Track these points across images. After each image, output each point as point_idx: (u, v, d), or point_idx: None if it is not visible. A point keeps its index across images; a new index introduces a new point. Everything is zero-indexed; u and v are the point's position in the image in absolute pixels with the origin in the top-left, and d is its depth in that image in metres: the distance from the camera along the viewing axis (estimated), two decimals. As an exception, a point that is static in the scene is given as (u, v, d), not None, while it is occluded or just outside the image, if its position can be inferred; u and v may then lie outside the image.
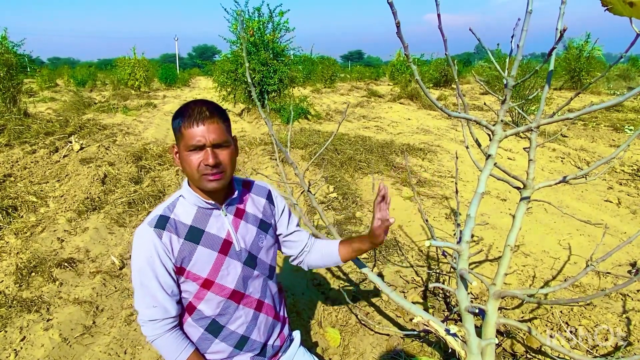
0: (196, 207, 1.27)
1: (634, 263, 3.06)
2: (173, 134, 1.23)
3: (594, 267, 1.70)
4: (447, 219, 3.96)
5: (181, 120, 1.17)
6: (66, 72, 25.02)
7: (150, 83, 20.42)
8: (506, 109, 1.40)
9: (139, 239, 1.22)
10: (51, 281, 2.72)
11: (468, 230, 1.67)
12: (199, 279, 1.25)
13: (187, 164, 1.19)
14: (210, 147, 1.18)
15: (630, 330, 2.28)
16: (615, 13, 1.28)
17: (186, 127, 1.16)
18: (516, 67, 1.32)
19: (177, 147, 1.22)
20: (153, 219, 1.23)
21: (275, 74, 9.94)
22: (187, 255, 1.23)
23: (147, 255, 1.20)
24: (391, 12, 1.22)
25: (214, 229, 1.28)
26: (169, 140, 7.38)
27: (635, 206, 4.31)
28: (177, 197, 1.29)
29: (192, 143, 1.16)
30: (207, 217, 1.28)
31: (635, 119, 9.35)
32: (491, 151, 1.47)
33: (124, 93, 15.82)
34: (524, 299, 2.35)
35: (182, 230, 1.24)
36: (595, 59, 17.11)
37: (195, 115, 1.16)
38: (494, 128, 1.44)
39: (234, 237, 1.30)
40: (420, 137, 7.92)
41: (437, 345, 2.15)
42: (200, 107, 1.18)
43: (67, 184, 4.63)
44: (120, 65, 19.02)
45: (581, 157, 6.44)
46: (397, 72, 20.36)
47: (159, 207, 1.28)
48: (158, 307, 1.23)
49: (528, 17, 1.29)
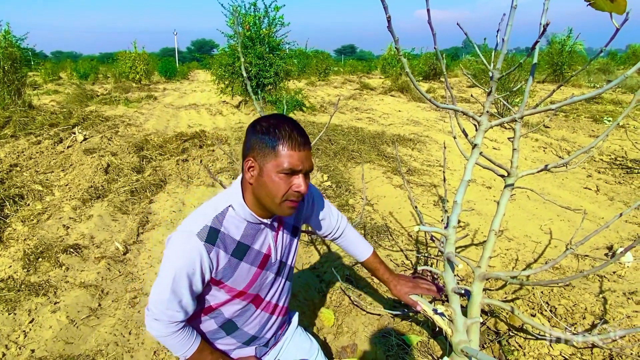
0: (246, 222, 1.21)
1: (611, 246, 3.22)
2: (251, 146, 1.13)
3: (573, 250, 1.82)
4: (435, 206, 4.09)
5: (278, 139, 1.09)
6: (69, 65, 25.05)
7: (151, 76, 20.94)
8: (492, 100, 1.49)
9: (184, 247, 1.13)
10: (57, 266, 2.79)
11: (455, 216, 1.77)
12: (234, 291, 1.25)
13: (273, 185, 1.12)
14: (303, 174, 1.14)
15: (606, 309, 2.43)
16: (596, 8, 1.36)
17: (286, 149, 1.09)
18: (501, 61, 1.41)
19: (260, 164, 1.12)
20: (203, 231, 1.14)
21: (271, 68, 10.14)
22: (230, 271, 1.21)
23: (189, 266, 1.13)
24: (382, 7, 1.29)
25: (258, 245, 1.25)
26: (169, 132, 7.40)
27: (613, 193, 4.49)
28: (226, 207, 1.20)
29: (289, 166, 1.10)
30: (254, 232, 1.23)
31: (613, 110, 9.61)
32: (477, 141, 1.57)
33: (125, 86, 15.88)
34: (507, 280, 2.48)
35: (230, 246, 1.19)
36: (577, 53, 17.48)
37: (297, 138, 1.11)
38: (480, 119, 1.53)
39: (273, 251, 1.29)
40: (410, 128, 8.05)
41: (425, 324, 2.27)
42: (299, 130, 1.13)
43: (72, 174, 4.72)
44: (122, 59, 19.44)
45: (562, 147, 6.63)
46: (388, 66, 20.80)
47: (206, 214, 1.18)
48: (180, 312, 1.19)
49: (513, 12, 1.37)
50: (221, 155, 5.67)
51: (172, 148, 5.92)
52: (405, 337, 2.15)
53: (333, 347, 2.18)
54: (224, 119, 9.40)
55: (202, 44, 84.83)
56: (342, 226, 1.59)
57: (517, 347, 2.13)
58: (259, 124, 1.13)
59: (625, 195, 4.39)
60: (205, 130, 7.09)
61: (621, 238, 3.36)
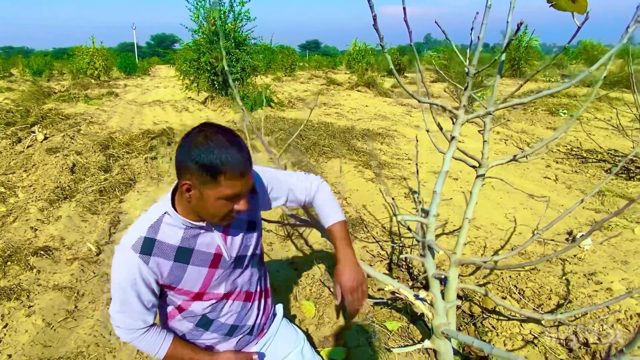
0: (184, 227, 1.16)
1: (570, 232, 3.43)
2: (187, 169, 1.03)
3: (539, 235, 1.95)
4: (406, 198, 4.21)
5: (219, 168, 1.01)
6: (20, 61, 23.89)
7: (110, 72, 20.29)
8: (468, 94, 1.58)
9: (122, 262, 1.12)
10: (28, 269, 2.69)
11: (434, 205, 1.87)
12: (190, 293, 1.22)
13: (215, 209, 1.08)
14: (245, 194, 1.09)
15: (569, 290, 2.60)
16: (558, 9, 1.45)
17: (228, 178, 1.03)
18: (477, 57, 1.50)
19: (199, 189, 1.05)
20: (137, 243, 1.12)
21: (238, 63, 10.07)
22: (177, 275, 1.17)
23: (130, 278, 1.12)
24: (367, 6, 1.34)
25: (203, 246, 1.19)
26: (134, 129, 7.21)
27: (570, 182, 4.77)
28: (161, 215, 1.15)
29: (231, 193, 1.05)
30: (195, 236, 1.18)
31: (568, 103, 10.12)
32: (455, 133, 1.65)
33: (84, 82, 15.34)
34: (481, 265, 2.60)
35: (170, 252, 1.15)
36: (532, 48, 18.34)
37: (238, 163, 1.03)
38: (457, 112, 1.62)
39: (224, 249, 1.22)
40: (379, 122, 8.20)
41: (404, 310, 2.36)
42: (239, 148, 1.04)
43: (35, 174, 4.54)
44: (79, 55, 18.72)
45: (522, 138, 6.95)
46: (353, 61, 21.04)
47: (141, 225, 1.15)
48: (137, 320, 1.18)
49: (487, 11, 1.46)
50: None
51: (139, 146, 5.79)
52: (386, 323, 2.23)
53: (315, 338, 2.23)
54: (190, 116, 9.24)
55: (162, 39, 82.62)
56: (311, 191, 1.42)
57: (491, 328, 2.26)
58: (194, 146, 1.02)
59: (582, 184, 4.68)
60: (172, 127, 6.97)
61: (579, 223, 3.59)
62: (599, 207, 3.95)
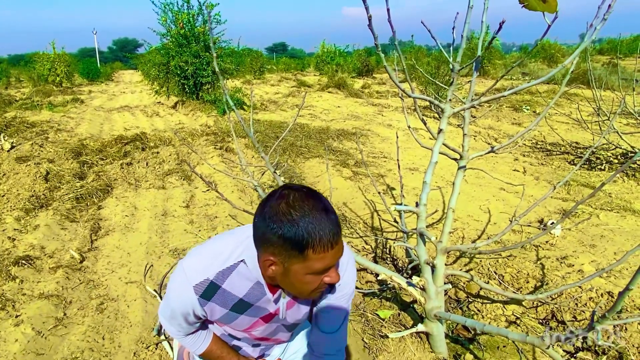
0: (256, 281, 1.08)
1: (541, 220, 3.63)
2: (269, 242, 0.94)
3: (517, 222, 2.09)
4: (384, 194, 4.33)
5: (307, 242, 0.90)
6: None
7: (72, 78, 19.46)
8: (453, 89, 1.69)
9: (179, 292, 1.07)
10: (10, 279, 2.61)
11: (424, 195, 1.97)
12: (234, 331, 1.25)
13: (302, 285, 0.99)
14: (335, 264, 1.00)
15: (544, 273, 2.77)
16: (530, 9, 1.57)
17: (317, 252, 0.92)
18: (461, 55, 1.60)
19: (284, 264, 0.95)
20: (201, 285, 1.05)
21: (209, 66, 9.94)
22: (227, 320, 1.15)
23: (183, 310, 1.10)
24: (362, 6, 1.42)
25: (264, 303, 1.13)
26: (105, 135, 7.03)
27: (537, 173, 5.02)
28: (236, 262, 1.06)
29: (322, 268, 0.95)
30: (262, 295, 1.10)
31: (530, 99, 10.59)
32: (442, 126, 1.76)
33: (46, 89, 14.69)
34: (466, 251, 2.74)
35: (230, 301, 1.09)
36: (493, 47, 19.06)
37: (328, 233, 0.92)
38: (444, 106, 1.72)
39: (282, 313, 1.18)
40: (352, 122, 8.33)
41: (395, 299, 2.46)
42: (327, 216, 0.93)
43: (7, 184, 4.37)
44: (39, 61, 17.84)
45: (490, 134, 7.24)
46: (322, 63, 21.17)
47: (211, 264, 1.06)
48: (181, 331, 1.22)
49: (470, 12, 1.57)
50: (167, 157, 5.53)
51: (113, 152, 5.68)
52: (378, 312, 2.32)
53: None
54: (162, 120, 9.10)
55: (124, 43, 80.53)
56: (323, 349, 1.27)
57: (476, 311, 2.38)
58: (276, 216, 0.91)
59: (548, 175, 4.94)
60: (145, 132, 6.85)
61: (549, 212, 3.80)
62: (566, 196, 4.19)
